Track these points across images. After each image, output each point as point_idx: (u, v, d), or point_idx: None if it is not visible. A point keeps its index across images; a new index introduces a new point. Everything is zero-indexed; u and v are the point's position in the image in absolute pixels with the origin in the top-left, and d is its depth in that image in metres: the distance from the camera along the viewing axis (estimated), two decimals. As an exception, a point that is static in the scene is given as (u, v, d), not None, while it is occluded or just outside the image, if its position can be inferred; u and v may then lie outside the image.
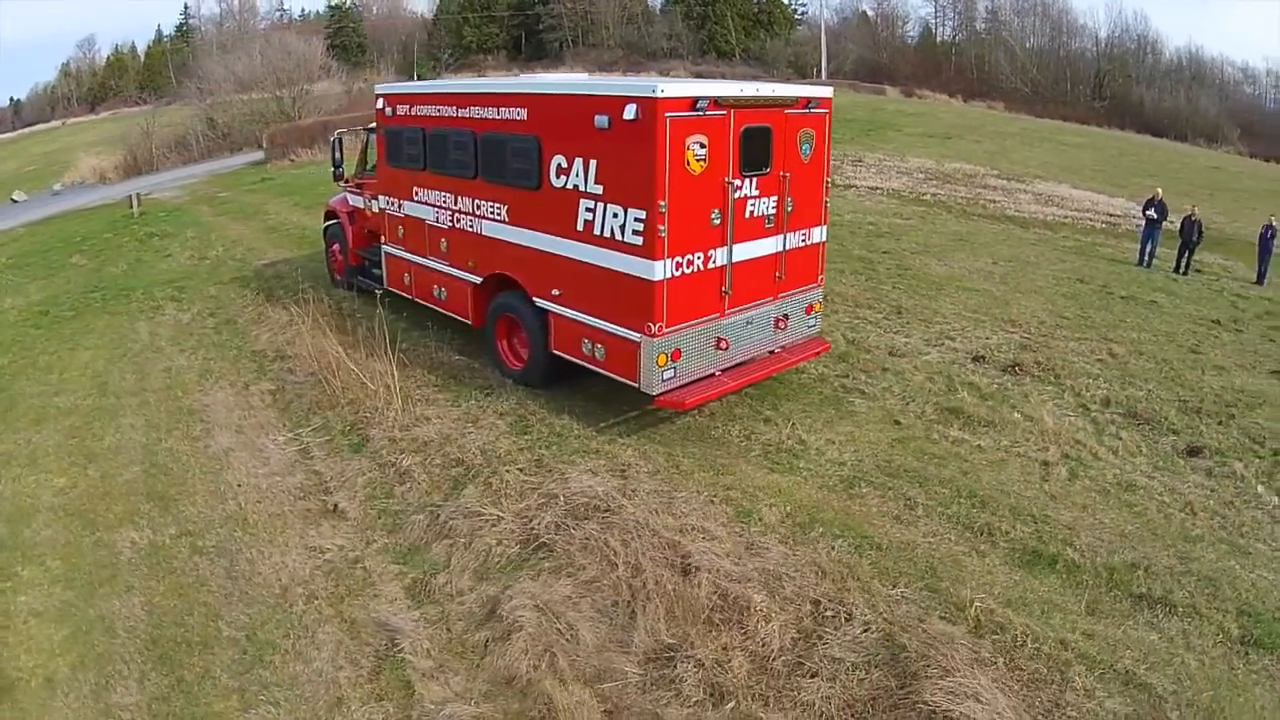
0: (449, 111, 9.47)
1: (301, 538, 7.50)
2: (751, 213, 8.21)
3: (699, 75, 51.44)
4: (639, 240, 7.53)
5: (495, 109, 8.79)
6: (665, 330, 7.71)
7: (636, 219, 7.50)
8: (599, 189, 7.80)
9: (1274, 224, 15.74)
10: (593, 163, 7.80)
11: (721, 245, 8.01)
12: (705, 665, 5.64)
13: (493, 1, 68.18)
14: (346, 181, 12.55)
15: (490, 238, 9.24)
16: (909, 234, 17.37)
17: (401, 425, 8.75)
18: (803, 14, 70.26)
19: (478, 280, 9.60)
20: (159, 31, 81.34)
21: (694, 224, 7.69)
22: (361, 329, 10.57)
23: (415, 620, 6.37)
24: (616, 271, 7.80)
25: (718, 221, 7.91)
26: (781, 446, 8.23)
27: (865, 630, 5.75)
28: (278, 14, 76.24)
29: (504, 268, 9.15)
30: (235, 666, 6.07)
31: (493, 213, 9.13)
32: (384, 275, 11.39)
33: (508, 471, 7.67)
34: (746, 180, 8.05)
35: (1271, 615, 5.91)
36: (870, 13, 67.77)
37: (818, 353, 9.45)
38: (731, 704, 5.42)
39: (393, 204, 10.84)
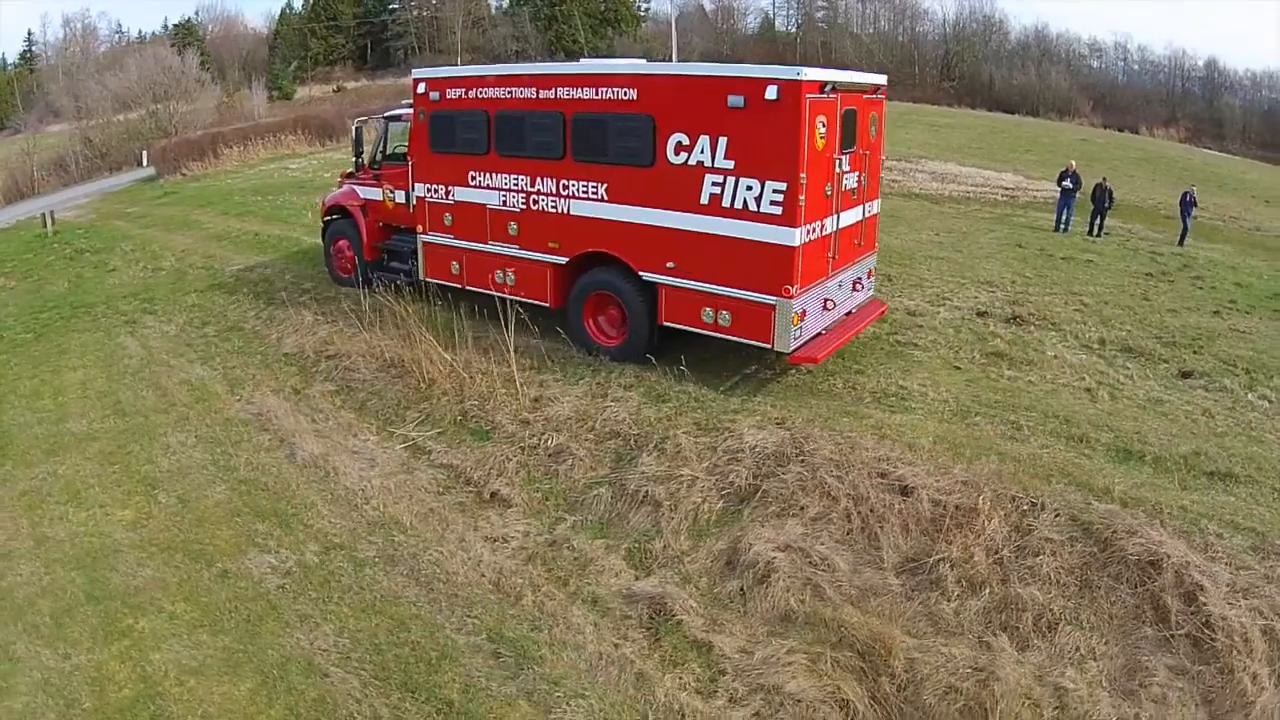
0: (526, 93, 9.88)
1: (473, 530, 7.69)
2: (846, 185, 9.47)
3: None
4: (778, 210, 8.50)
5: (593, 90, 9.37)
6: (798, 292, 8.79)
7: (776, 190, 8.48)
8: (729, 164, 8.67)
9: (1193, 193, 19.22)
10: (722, 140, 8.66)
11: (830, 214, 9.20)
12: (956, 564, 6.81)
13: (338, 11, 69.42)
14: (363, 172, 12.34)
15: (582, 217, 9.76)
16: (841, 214, 19.37)
17: (526, 409, 9.14)
18: (646, 10, 74.78)
19: (562, 261, 10.07)
20: (2, 59, 76.20)
21: (818, 195, 8.81)
22: (410, 322, 10.62)
23: (657, 584, 6.87)
24: (749, 240, 8.69)
25: (829, 193, 9.09)
26: (887, 392, 9.49)
27: (1056, 515, 7.11)
28: (116, 35, 74.56)
29: (600, 245, 9.71)
30: (500, 672, 6.09)
31: (586, 192, 9.67)
32: (420, 266, 11.43)
33: (676, 436, 8.37)
34: (844, 156, 9.30)
35: None
36: (709, 6, 72.76)
37: (881, 313, 10.91)
38: (987, 590, 6.63)
39: (436, 191, 10.95)
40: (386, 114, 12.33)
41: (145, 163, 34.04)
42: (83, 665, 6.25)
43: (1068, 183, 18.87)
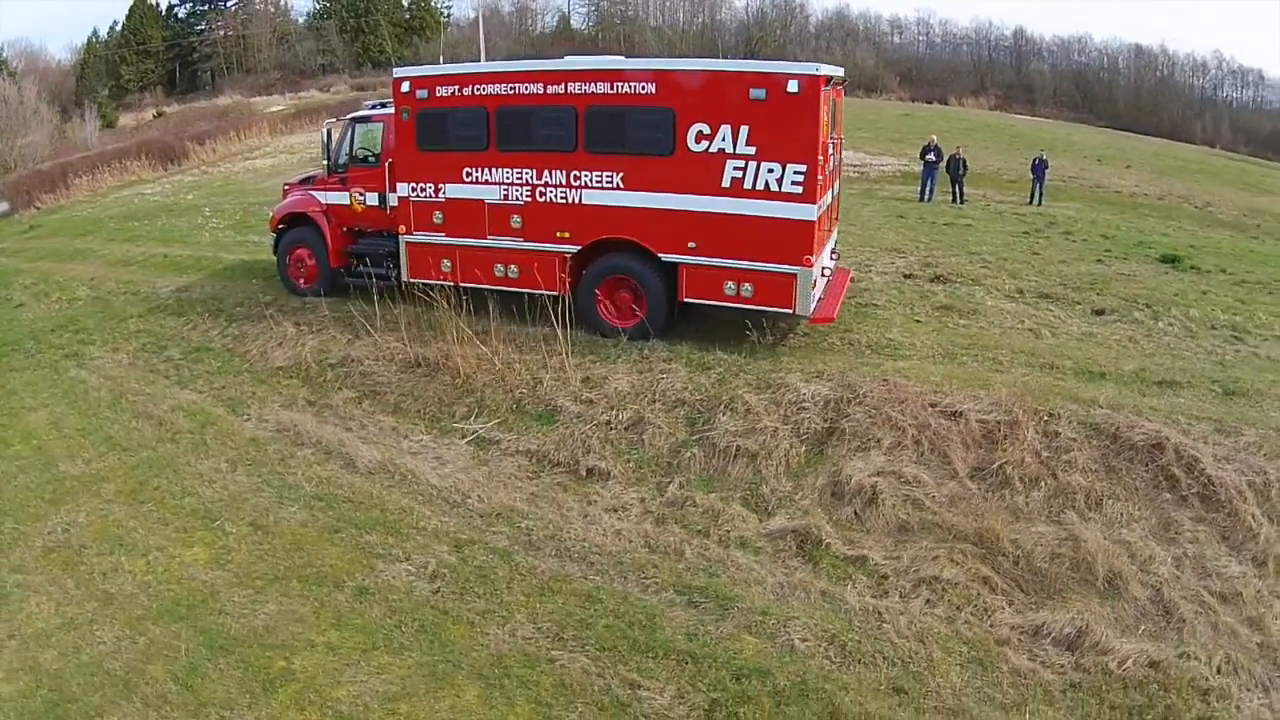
0: (532, 89, 10.96)
1: (590, 505, 8.76)
2: (831, 166, 11.55)
3: (361, 88, 58.22)
4: (799, 189, 10.30)
5: (609, 84, 10.68)
6: (815, 261, 10.72)
7: (797, 172, 10.26)
8: (751, 150, 10.34)
9: (1044, 156, 23.21)
10: (744, 128, 10.31)
11: (827, 192, 11.23)
12: (1014, 465, 9.01)
13: (147, 36, 71.77)
14: (332, 176, 12.64)
15: (596, 205, 11.01)
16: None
17: (582, 389, 10.31)
18: (448, 15, 79.84)
19: (573, 250, 11.28)
20: None
21: (823, 174, 10.80)
22: (442, 321, 11.27)
23: (787, 520, 8.42)
24: (770, 218, 10.41)
25: (827, 173, 11.11)
26: (880, 344, 11.53)
27: (1070, 421, 9.47)
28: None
29: (616, 231, 11.03)
30: (709, 617, 7.16)
31: (601, 181, 10.95)
32: (404, 267, 12.08)
33: (742, 396, 9.95)
34: (831, 141, 11.36)
35: (1226, 381, 10.74)
36: (507, 7, 77.63)
37: (851, 278, 13.12)
38: (1043, 482, 8.86)
39: (424, 190, 11.69)
40: (352, 115, 12.79)
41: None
42: (254, 726, 6.09)
43: (931, 155, 22.43)
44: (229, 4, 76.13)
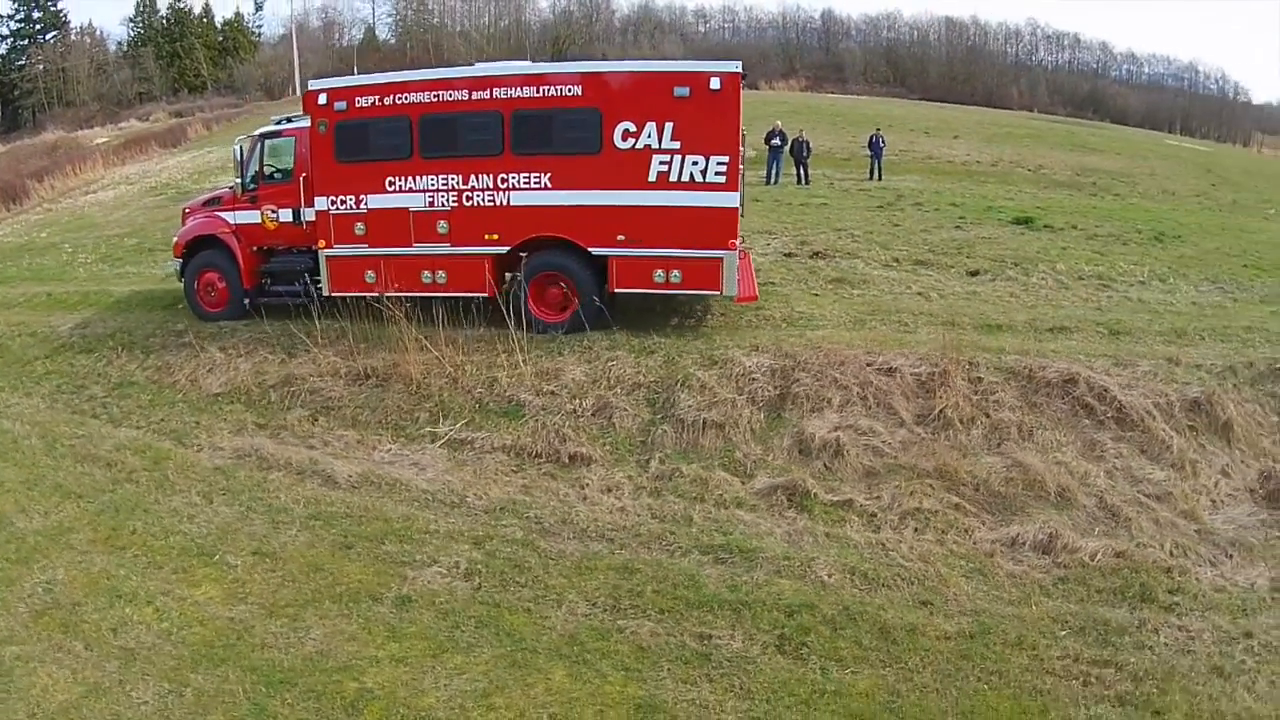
0: (456, 95, 11.25)
1: (584, 488, 9.28)
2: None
3: (179, 114, 57.91)
4: (722, 179, 11.20)
5: (535, 88, 11.16)
6: (738, 245, 11.67)
7: (720, 163, 11.13)
8: (676, 145, 11.11)
9: (880, 133, 25.02)
10: (668, 125, 11.07)
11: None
12: (951, 409, 10.28)
13: None
14: (244, 195, 12.22)
15: (524, 206, 11.47)
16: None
17: (540, 382, 10.75)
18: (258, 34, 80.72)
19: (502, 251, 11.68)
20: None
21: (741, 164, 11.74)
22: (339, 335, 11.49)
23: (771, 481, 9.25)
24: (696, 207, 11.23)
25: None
26: (793, 317, 12.63)
27: (988, 368, 10.92)
28: None
29: (546, 230, 11.53)
30: (739, 569, 7.86)
31: (529, 182, 11.40)
32: (325, 282, 11.99)
33: (695, 374, 10.69)
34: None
35: (1109, 323, 12.49)
36: (316, 22, 77.61)
37: (750, 258, 14.18)
38: (978, 422, 10.16)
39: (344, 202, 11.66)
40: (260, 131, 12.48)
41: None
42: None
43: (776, 140, 24.04)
44: (47, 37, 75.44)
